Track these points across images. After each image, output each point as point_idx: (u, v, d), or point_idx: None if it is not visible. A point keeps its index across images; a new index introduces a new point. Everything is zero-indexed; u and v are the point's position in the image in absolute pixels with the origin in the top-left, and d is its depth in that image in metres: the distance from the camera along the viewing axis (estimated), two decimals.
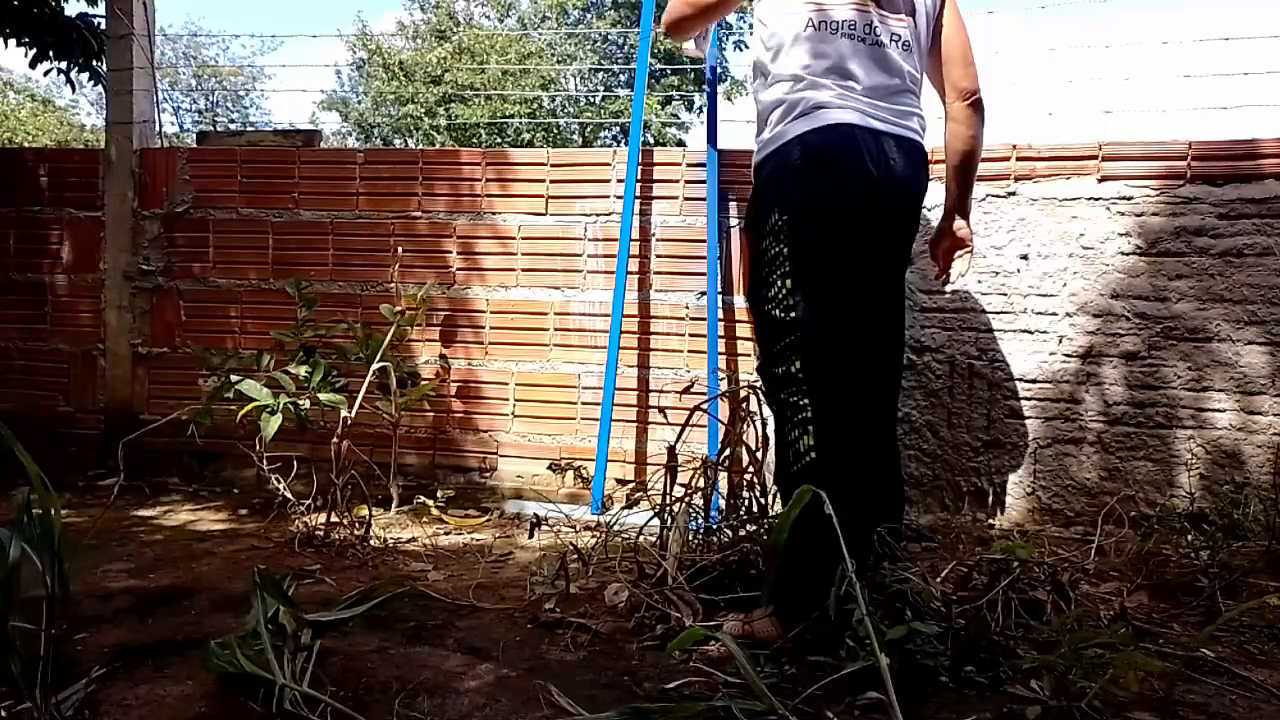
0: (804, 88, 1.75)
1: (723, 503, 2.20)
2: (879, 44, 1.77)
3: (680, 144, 17.97)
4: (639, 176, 2.83)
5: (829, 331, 1.68)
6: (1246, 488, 2.43)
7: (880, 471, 1.81)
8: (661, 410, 2.73)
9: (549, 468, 2.91)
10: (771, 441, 1.97)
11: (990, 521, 2.62)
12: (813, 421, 1.66)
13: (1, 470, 2.77)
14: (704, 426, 2.63)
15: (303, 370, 2.40)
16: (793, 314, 1.69)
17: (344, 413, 2.34)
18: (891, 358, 1.88)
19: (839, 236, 1.71)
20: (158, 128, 3.33)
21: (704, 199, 2.77)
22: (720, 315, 2.76)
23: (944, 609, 1.60)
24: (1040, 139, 2.62)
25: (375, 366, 2.47)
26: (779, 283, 1.71)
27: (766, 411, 1.95)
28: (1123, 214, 2.55)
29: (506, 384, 2.97)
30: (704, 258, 2.77)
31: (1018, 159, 2.62)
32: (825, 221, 1.71)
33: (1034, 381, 2.61)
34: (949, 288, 2.54)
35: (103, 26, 3.53)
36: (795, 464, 1.68)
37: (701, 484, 2.05)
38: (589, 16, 21.01)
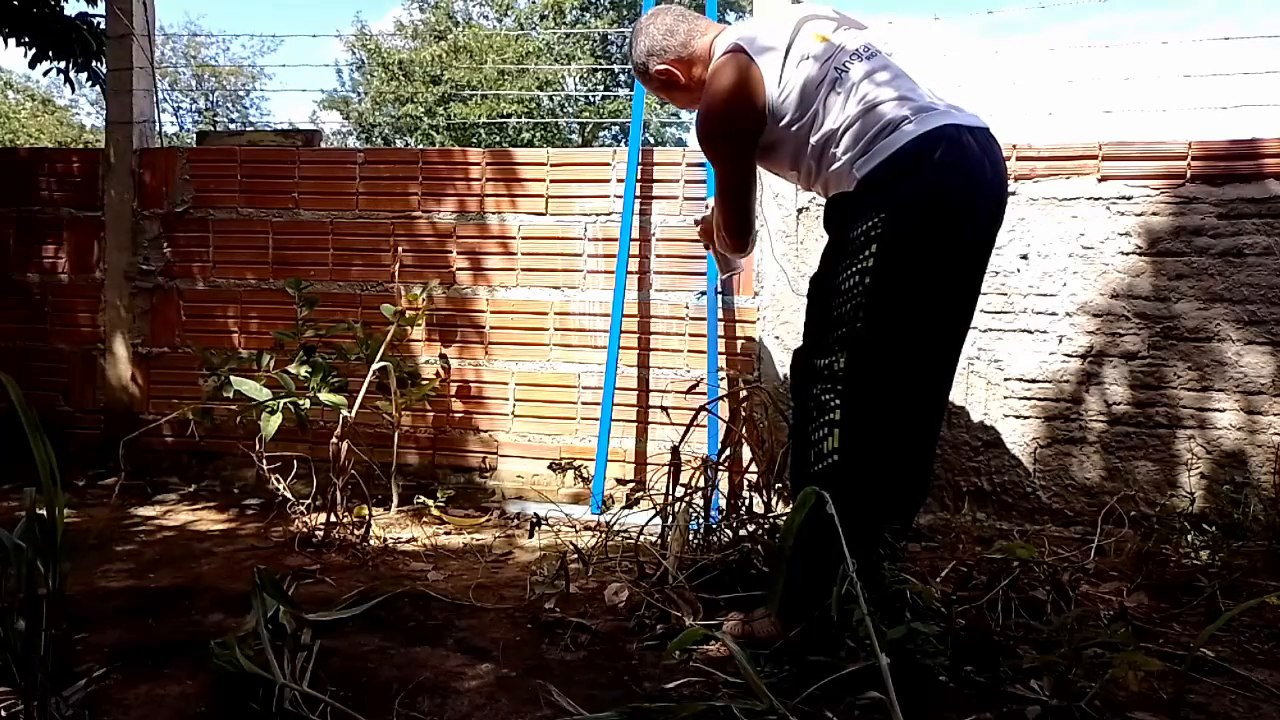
0: (894, 107, 1.64)
1: (723, 502, 2.20)
2: (881, 58, 1.73)
3: (680, 144, 17.98)
4: (639, 176, 2.83)
5: (888, 339, 1.61)
6: (1247, 488, 2.43)
7: (909, 479, 1.74)
8: (664, 410, 2.73)
9: (549, 467, 2.91)
10: (775, 439, 1.97)
11: (990, 521, 2.62)
12: (839, 424, 1.60)
13: (2, 468, 2.78)
14: (703, 426, 2.63)
15: (303, 370, 2.40)
16: (860, 314, 1.60)
17: (344, 413, 2.33)
18: (950, 366, 1.78)
19: (942, 243, 1.61)
20: (158, 128, 3.32)
21: (704, 199, 2.77)
22: (720, 315, 2.76)
23: (944, 609, 1.59)
24: (1040, 139, 2.61)
25: (375, 366, 2.47)
26: (855, 278, 1.61)
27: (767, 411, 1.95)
28: (1123, 214, 2.55)
29: (507, 384, 2.97)
30: (704, 257, 2.77)
31: (1018, 159, 2.62)
32: (932, 224, 1.60)
33: (1034, 381, 2.61)
34: None
35: (102, 26, 3.53)
36: (817, 464, 1.63)
37: (701, 484, 2.05)
38: (586, 16, 21.02)
